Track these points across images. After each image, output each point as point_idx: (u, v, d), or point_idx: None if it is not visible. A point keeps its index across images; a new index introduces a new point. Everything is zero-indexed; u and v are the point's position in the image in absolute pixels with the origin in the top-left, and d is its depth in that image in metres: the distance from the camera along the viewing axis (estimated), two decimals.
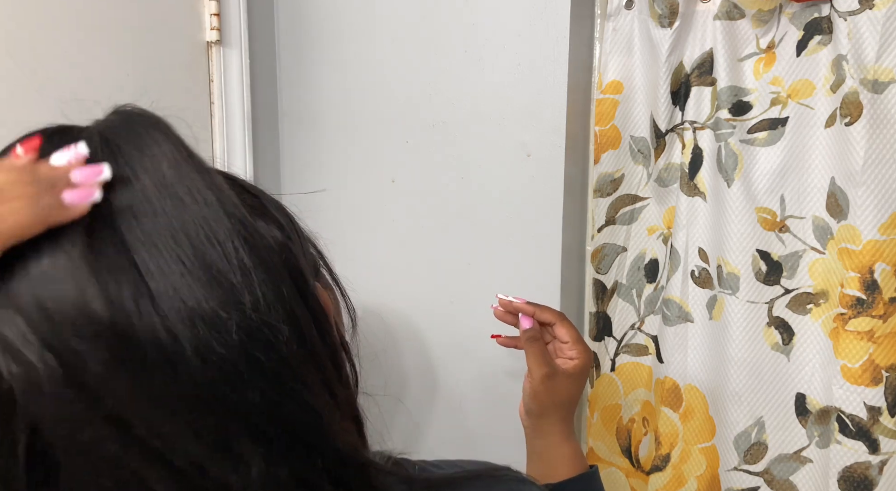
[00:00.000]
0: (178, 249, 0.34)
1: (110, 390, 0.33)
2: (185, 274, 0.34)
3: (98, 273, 0.33)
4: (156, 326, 0.33)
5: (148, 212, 0.34)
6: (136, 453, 0.33)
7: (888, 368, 0.76)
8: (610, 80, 0.93)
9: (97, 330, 0.32)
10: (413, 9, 1.00)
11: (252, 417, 0.35)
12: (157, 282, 0.33)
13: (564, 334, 0.74)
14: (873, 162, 0.75)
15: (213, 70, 1.00)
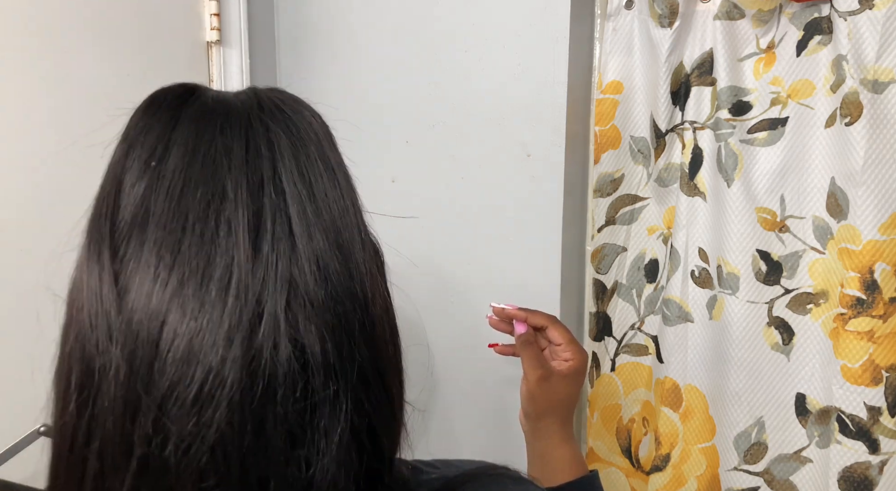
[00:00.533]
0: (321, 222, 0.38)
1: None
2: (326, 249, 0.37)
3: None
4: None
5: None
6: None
7: (888, 368, 0.76)
8: (610, 80, 0.93)
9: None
10: (413, 9, 1.00)
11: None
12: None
13: (558, 337, 0.75)
14: (873, 162, 0.75)
15: (213, 70, 1.00)
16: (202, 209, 0.35)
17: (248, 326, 0.34)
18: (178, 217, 0.35)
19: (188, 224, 0.35)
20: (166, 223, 0.35)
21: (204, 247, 0.35)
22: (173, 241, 0.35)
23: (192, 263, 0.35)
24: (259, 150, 0.38)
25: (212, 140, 0.37)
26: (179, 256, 0.35)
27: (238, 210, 0.36)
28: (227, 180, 0.36)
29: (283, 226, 0.36)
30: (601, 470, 1.02)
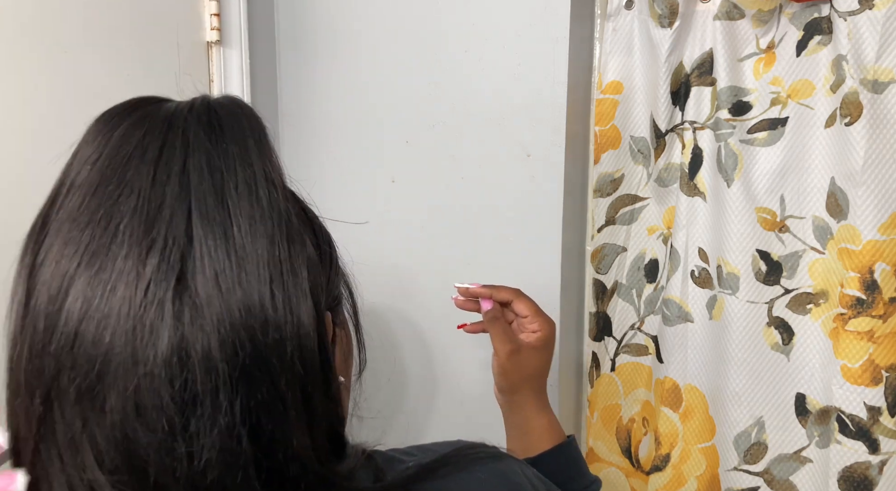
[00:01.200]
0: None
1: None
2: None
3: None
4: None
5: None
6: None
7: (888, 368, 0.76)
8: (610, 80, 0.93)
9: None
10: (413, 9, 1.00)
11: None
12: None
13: (524, 309, 0.75)
14: (873, 162, 0.75)
15: (213, 70, 1.00)
16: (109, 204, 0.38)
17: (138, 312, 0.36)
18: (87, 211, 0.38)
19: (94, 218, 0.38)
20: (77, 218, 0.38)
21: (105, 237, 0.37)
22: (78, 233, 0.38)
23: (90, 251, 0.37)
24: (174, 146, 0.39)
25: (131, 140, 0.39)
26: (80, 245, 0.37)
27: (139, 202, 0.37)
28: (135, 176, 0.38)
29: (181, 220, 0.37)
30: (601, 470, 1.02)
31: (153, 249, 0.36)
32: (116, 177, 0.38)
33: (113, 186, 0.38)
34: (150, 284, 0.36)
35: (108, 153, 0.39)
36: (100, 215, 0.37)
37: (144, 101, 0.43)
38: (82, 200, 0.38)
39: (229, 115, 0.41)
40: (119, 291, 0.36)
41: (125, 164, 0.38)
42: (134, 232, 0.37)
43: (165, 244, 0.36)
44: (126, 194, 0.37)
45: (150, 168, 0.38)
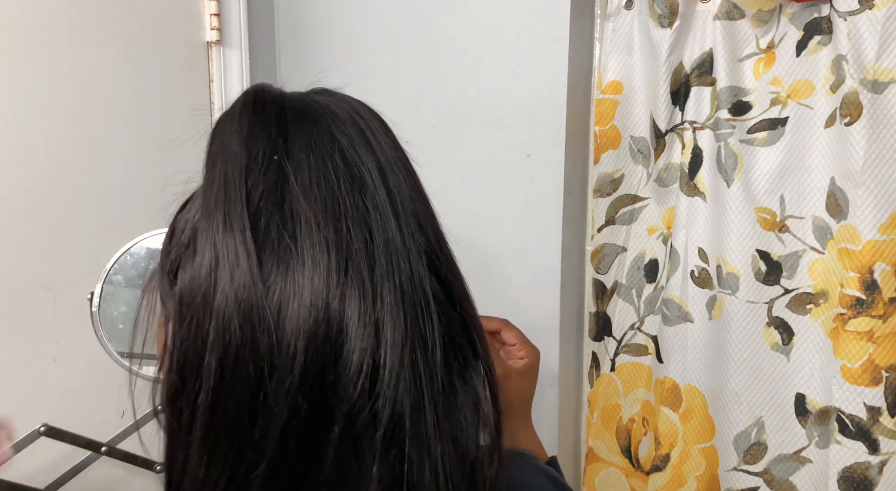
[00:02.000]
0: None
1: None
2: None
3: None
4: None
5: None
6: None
7: (888, 368, 0.76)
8: (610, 80, 0.93)
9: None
10: (413, 9, 1.00)
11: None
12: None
13: (511, 338, 0.79)
14: (873, 162, 0.75)
15: (213, 70, 1.00)
16: (349, 194, 0.38)
17: (410, 297, 0.38)
18: (330, 203, 0.38)
19: (340, 209, 0.38)
20: (317, 211, 0.37)
21: (361, 227, 0.38)
22: (331, 227, 0.37)
23: (354, 245, 0.37)
24: (370, 142, 0.42)
25: (330, 133, 0.41)
26: (338, 238, 0.37)
27: (378, 193, 0.39)
28: (361, 167, 0.40)
29: (407, 205, 0.41)
30: (601, 470, 1.02)
31: (405, 237, 0.39)
32: (340, 169, 0.39)
33: (343, 180, 0.39)
34: (414, 269, 0.39)
35: (304, 146, 0.40)
36: (346, 208, 0.38)
37: (277, 92, 0.43)
38: (314, 192, 0.38)
39: (371, 114, 0.45)
40: (396, 280, 0.37)
41: (339, 157, 0.40)
42: (389, 222, 0.39)
43: (409, 230, 0.40)
44: (359, 186, 0.39)
45: (370, 160, 0.41)
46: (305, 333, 0.35)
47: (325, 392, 0.35)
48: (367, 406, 0.36)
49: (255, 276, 0.36)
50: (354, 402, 0.35)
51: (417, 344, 0.37)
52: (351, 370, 0.35)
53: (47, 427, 0.79)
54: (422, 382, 0.37)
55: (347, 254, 0.37)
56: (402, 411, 0.36)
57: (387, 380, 0.36)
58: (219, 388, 0.36)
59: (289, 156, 0.39)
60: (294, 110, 0.41)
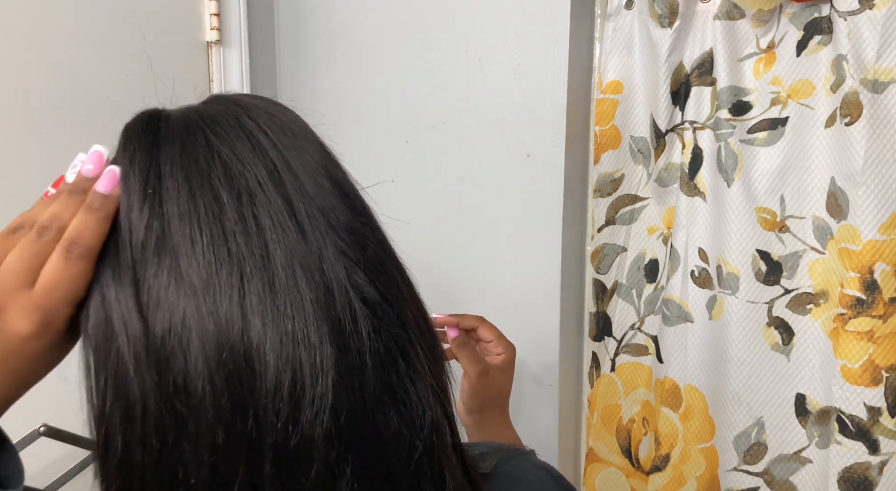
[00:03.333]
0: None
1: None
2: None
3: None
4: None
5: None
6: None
7: (888, 368, 0.76)
8: (610, 80, 0.93)
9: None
10: (413, 9, 1.00)
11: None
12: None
13: (488, 334, 0.79)
14: (873, 162, 0.75)
15: (213, 70, 1.00)
16: (236, 209, 0.36)
17: (325, 306, 0.35)
18: (212, 226, 0.35)
19: (227, 227, 0.35)
20: (196, 239, 0.35)
21: (255, 242, 0.35)
22: (218, 247, 0.35)
23: (248, 262, 0.35)
24: (259, 144, 0.38)
25: (208, 145, 0.38)
26: (230, 258, 0.34)
27: (270, 200, 0.36)
28: (248, 175, 0.37)
29: (311, 206, 0.37)
30: (601, 470, 1.02)
31: (307, 242, 0.36)
32: (222, 183, 0.37)
33: (226, 194, 0.36)
34: (327, 273, 0.36)
35: (179, 166, 0.37)
36: (232, 223, 0.35)
37: (153, 114, 0.41)
38: (190, 217, 0.35)
39: (270, 105, 0.42)
40: (303, 288, 0.35)
41: (220, 168, 0.37)
42: (287, 230, 0.36)
43: (314, 234, 0.37)
44: (247, 197, 0.36)
45: (257, 166, 0.38)
46: (207, 367, 0.33)
47: (246, 425, 0.33)
48: (297, 432, 0.33)
49: (143, 327, 0.34)
50: (280, 429, 0.33)
51: (342, 354, 0.34)
52: (269, 397, 0.33)
53: (47, 427, 0.79)
54: (353, 393, 0.34)
55: (240, 275, 0.34)
56: (334, 428, 0.34)
57: (310, 400, 0.33)
58: (127, 442, 0.34)
59: (161, 184, 0.36)
60: (168, 130, 0.39)
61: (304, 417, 0.33)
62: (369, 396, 0.35)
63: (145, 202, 0.36)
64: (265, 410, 0.33)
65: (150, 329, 0.34)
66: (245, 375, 0.33)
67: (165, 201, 0.36)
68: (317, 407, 0.33)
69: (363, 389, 0.35)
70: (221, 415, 0.33)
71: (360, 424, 0.35)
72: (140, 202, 0.36)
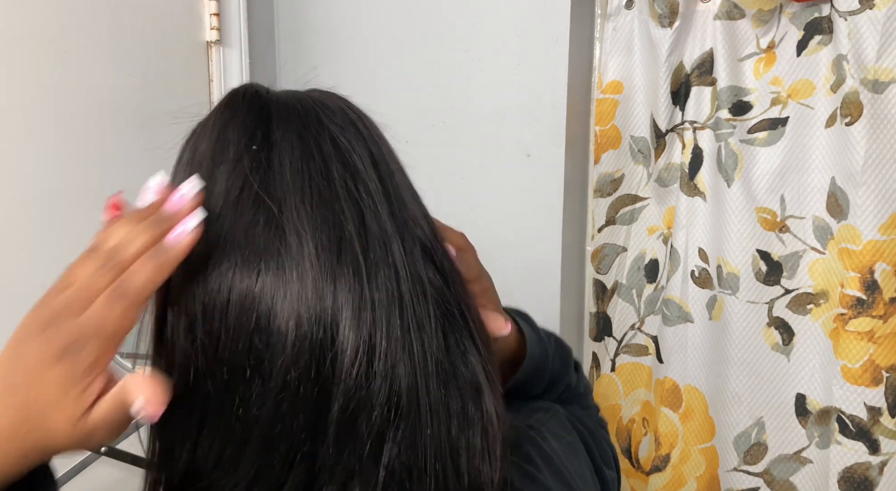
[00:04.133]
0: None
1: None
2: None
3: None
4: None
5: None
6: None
7: (888, 368, 0.76)
8: (610, 80, 0.93)
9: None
10: (413, 9, 1.00)
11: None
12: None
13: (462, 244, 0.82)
14: (873, 162, 0.75)
15: (213, 70, 1.00)
16: (342, 178, 0.38)
17: (407, 281, 0.38)
18: (321, 185, 0.37)
19: (334, 192, 0.37)
20: (305, 195, 0.37)
21: (355, 212, 0.37)
22: (322, 209, 0.37)
23: (349, 226, 0.37)
24: (360, 131, 0.42)
25: (319, 121, 0.40)
26: (331, 222, 0.37)
27: (370, 179, 0.39)
28: (353, 154, 0.40)
29: (399, 194, 0.41)
30: None
31: (399, 225, 0.39)
32: (333, 159, 0.39)
33: (337, 169, 0.39)
34: (407, 259, 0.38)
35: (293, 138, 0.39)
36: (340, 196, 0.38)
37: (261, 88, 0.43)
38: (308, 179, 0.37)
39: (356, 110, 0.46)
40: (383, 272, 0.37)
41: (332, 147, 0.39)
42: (381, 211, 0.39)
43: (404, 219, 0.40)
44: (351, 174, 0.39)
45: (363, 150, 0.41)
46: (296, 310, 0.35)
47: (321, 372, 0.35)
48: (364, 387, 0.35)
49: (239, 270, 0.35)
50: (351, 383, 0.35)
51: (412, 327, 0.37)
52: (347, 352, 0.35)
53: None
54: (418, 365, 0.37)
55: (340, 235, 0.36)
56: (399, 394, 0.36)
57: (383, 362, 0.36)
58: (211, 363, 0.36)
59: (271, 144, 0.38)
60: (279, 102, 0.41)
61: (373, 375, 0.36)
62: (431, 370, 0.37)
63: (246, 154, 0.38)
64: (342, 360, 0.35)
65: (245, 276, 0.35)
66: (329, 325, 0.35)
67: (275, 156, 0.38)
68: (386, 368, 0.36)
69: (426, 362, 0.37)
70: (300, 356, 0.35)
71: (419, 394, 0.37)
72: (240, 154, 0.38)
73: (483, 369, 0.40)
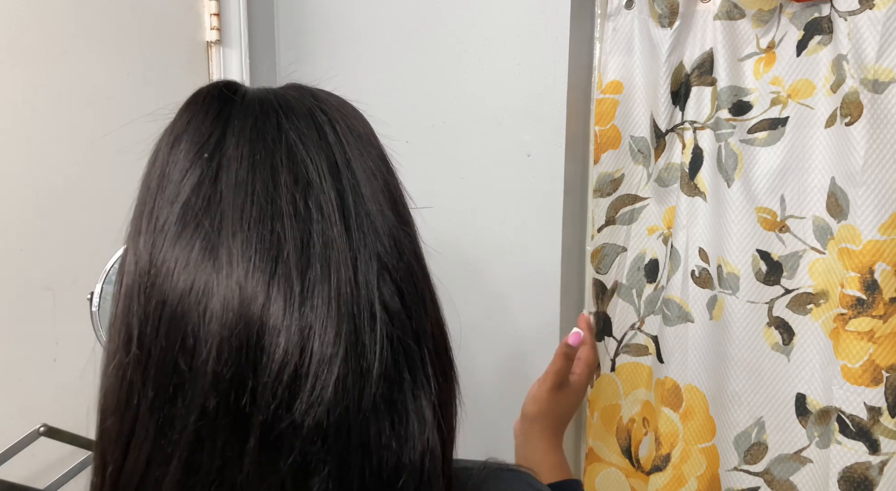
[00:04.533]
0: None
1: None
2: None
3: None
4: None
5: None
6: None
7: (888, 368, 0.76)
8: (610, 79, 0.93)
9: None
10: (413, 9, 1.00)
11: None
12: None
13: (587, 356, 0.84)
14: (873, 162, 0.75)
15: (213, 70, 1.00)
16: (290, 192, 0.36)
17: (348, 304, 0.35)
18: (264, 202, 0.36)
19: (277, 207, 0.36)
20: (245, 211, 0.35)
21: (299, 228, 0.36)
22: (264, 223, 0.35)
23: (288, 245, 0.35)
24: (325, 137, 0.39)
25: (279, 127, 0.38)
26: (271, 237, 0.35)
27: (324, 192, 0.37)
28: (308, 165, 0.37)
29: (360, 205, 0.38)
30: (601, 470, 1.02)
31: (350, 239, 0.37)
32: (283, 165, 0.37)
33: (285, 177, 0.37)
34: (359, 274, 0.37)
35: (243, 141, 0.38)
36: (282, 206, 0.36)
37: (230, 86, 0.41)
38: (246, 189, 0.36)
39: (342, 105, 0.44)
40: (332, 282, 0.35)
41: (286, 151, 0.38)
42: (334, 223, 0.37)
43: (357, 234, 0.38)
44: (304, 184, 0.37)
45: (319, 157, 0.38)
46: (219, 334, 0.34)
47: (240, 398, 0.33)
48: (286, 418, 0.34)
49: (165, 279, 0.34)
50: (273, 411, 0.33)
51: (350, 354, 0.34)
52: (270, 377, 0.33)
53: (47, 427, 0.79)
54: (351, 395, 0.34)
55: (276, 255, 0.34)
56: (323, 425, 0.34)
57: (309, 390, 0.33)
58: (142, 378, 0.35)
59: (223, 152, 0.37)
60: (242, 103, 0.39)
61: (297, 406, 0.34)
62: (366, 403, 0.35)
63: (196, 163, 0.36)
64: (263, 389, 0.34)
65: (174, 283, 0.34)
66: (253, 350, 0.34)
67: (224, 168, 0.36)
68: (312, 399, 0.34)
69: (362, 393, 0.35)
70: (219, 382, 0.33)
71: (350, 428, 0.34)
72: (190, 163, 0.37)
73: (433, 409, 0.37)
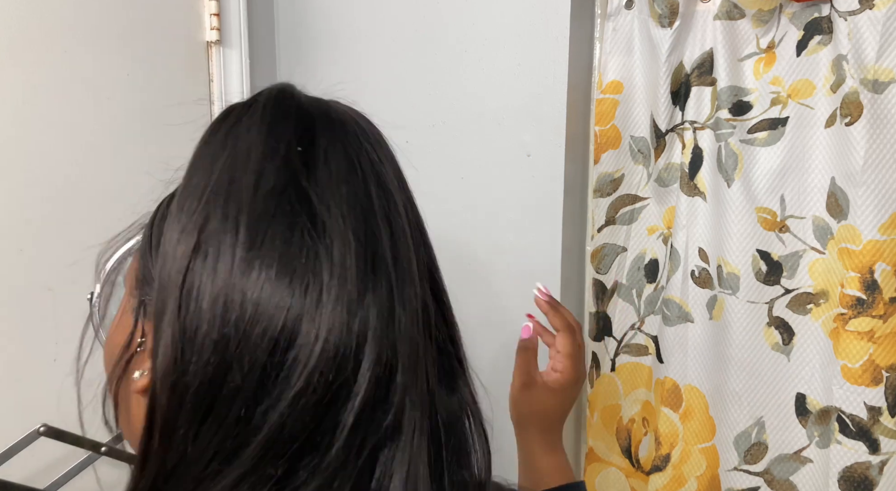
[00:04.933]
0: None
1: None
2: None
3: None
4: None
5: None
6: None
7: (888, 368, 0.76)
8: (610, 80, 0.93)
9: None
10: (413, 9, 1.00)
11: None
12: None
13: (561, 345, 0.74)
14: (873, 162, 0.75)
15: (213, 70, 1.00)
16: (377, 194, 0.39)
17: (416, 304, 0.38)
18: (359, 198, 0.37)
19: (369, 205, 0.38)
20: (345, 205, 0.37)
21: (386, 226, 0.38)
22: (360, 221, 0.37)
23: (379, 243, 0.37)
24: (385, 150, 0.43)
25: (356, 135, 0.41)
26: (366, 235, 0.37)
27: (397, 198, 0.40)
28: (384, 172, 0.40)
29: (412, 216, 0.41)
30: (601, 470, 1.02)
31: (401, 245, 0.39)
32: (367, 173, 0.39)
33: (373, 184, 0.39)
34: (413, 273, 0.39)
35: (337, 144, 0.39)
36: (370, 210, 0.38)
37: (289, 89, 0.42)
38: (339, 189, 0.37)
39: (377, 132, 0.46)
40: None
41: (367, 158, 0.40)
42: (405, 229, 0.40)
43: (406, 240, 0.40)
44: (381, 189, 0.39)
45: (390, 166, 0.42)
46: (328, 327, 0.34)
47: (338, 383, 0.35)
48: (377, 405, 0.35)
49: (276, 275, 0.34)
50: (366, 397, 0.35)
51: (421, 353, 0.37)
52: (371, 366, 0.35)
53: (47, 427, 0.79)
54: (419, 390, 0.37)
55: (375, 252, 0.36)
56: (402, 416, 0.36)
57: (399, 383, 0.36)
58: (232, 358, 0.34)
59: (316, 149, 0.38)
60: (318, 109, 0.41)
61: (391, 390, 0.36)
62: (431, 397, 0.38)
63: (292, 156, 0.37)
64: (364, 373, 0.35)
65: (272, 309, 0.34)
66: (357, 340, 0.35)
67: (318, 161, 0.37)
68: (399, 389, 0.36)
69: (429, 387, 0.38)
70: (324, 366, 0.34)
71: (417, 419, 0.37)
72: (286, 155, 0.37)
73: (469, 393, 0.41)
